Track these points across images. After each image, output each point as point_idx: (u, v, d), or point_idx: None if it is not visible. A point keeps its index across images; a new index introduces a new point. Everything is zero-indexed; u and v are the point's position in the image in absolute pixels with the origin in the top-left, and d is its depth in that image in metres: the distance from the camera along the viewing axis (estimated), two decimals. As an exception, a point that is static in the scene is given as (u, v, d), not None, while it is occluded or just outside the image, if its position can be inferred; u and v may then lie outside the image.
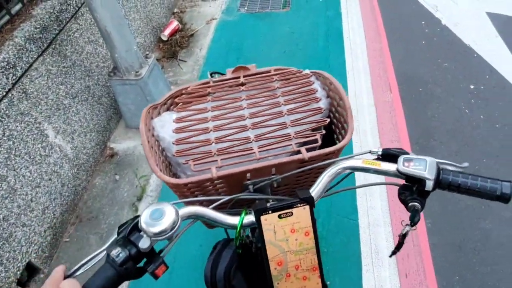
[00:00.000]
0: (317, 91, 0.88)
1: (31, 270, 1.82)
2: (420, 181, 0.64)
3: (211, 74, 1.01)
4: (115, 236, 0.60)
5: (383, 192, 2.06)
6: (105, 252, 0.58)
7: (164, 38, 3.22)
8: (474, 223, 1.89)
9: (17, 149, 1.74)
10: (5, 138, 1.68)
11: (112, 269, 0.55)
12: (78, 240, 2.02)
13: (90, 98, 2.31)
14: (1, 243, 1.62)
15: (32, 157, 1.83)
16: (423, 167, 0.63)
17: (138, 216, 0.60)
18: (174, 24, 3.30)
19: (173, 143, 0.81)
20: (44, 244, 1.87)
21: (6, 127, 1.68)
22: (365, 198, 2.04)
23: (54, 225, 1.95)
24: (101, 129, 2.41)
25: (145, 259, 0.59)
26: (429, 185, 0.63)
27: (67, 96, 2.10)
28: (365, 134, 2.37)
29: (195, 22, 3.56)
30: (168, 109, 0.94)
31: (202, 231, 1.99)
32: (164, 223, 0.57)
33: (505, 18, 3.15)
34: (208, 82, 0.94)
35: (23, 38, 1.78)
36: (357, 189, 2.08)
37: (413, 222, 0.65)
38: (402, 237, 0.70)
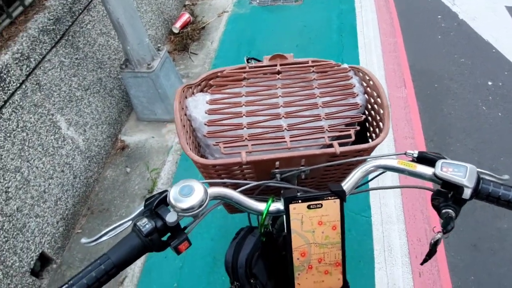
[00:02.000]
0: (354, 86, 0.86)
1: (44, 261, 1.83)
2: (457, 188, 0.61)
3: (247, 60, 1.00)
4: (142, 208, 0.60)
5: (396, 190, 2.03)
6: (130, 222, 0.59)
7: (176, 31, 3.20)
8: (491, 223, 1.85)
9: (30, 140, 1.74)
10: (19, 130, 1.68)
11: (138, 238, 0.56)
12: (89, 232, 2.03)
13: (102, 91, 2.31)
14: (15, 233, 1.64)
15: (45, 149, 1.83)
16: (462, 173, 0.61)
17: (165, 191, 0.60)
18: (186, 16, 3.28)
19: (205, 124, 0.80)
20: (56, 235, 1.88)
21: (20, 118, 1.69)
22: (378, 195, 2.01)
23: (67, 216, 1.96)
24: (113, 121, 2.41)
25: (169, 234, 0.60)
26: (467, 193, 0.60)
27: (80, 88, 2.10)
28: (379, 130, 2.33)
29: (207, 14, 3.53)
30: (201, 91, 0.93)
31: (214, 225, 1.99)
32: (193, 200, 0.57)
33: (525, 12, 3.06)
34: (244, 67, 0.94)
35: (36, 30, 1.78)
36: (370, 186, 2.05)
37: (446, 230, 0.62)
38: (434, 244, 0.67)
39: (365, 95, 0.88)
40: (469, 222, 1.86)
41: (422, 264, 0.73)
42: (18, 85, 1.67)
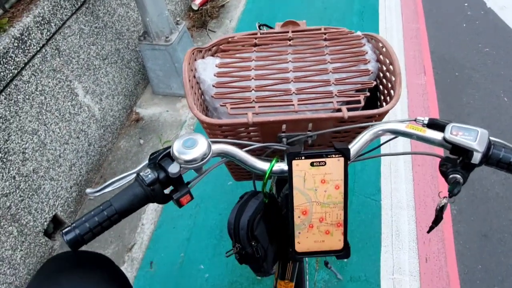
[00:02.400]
0: (366, 53, 0.84)
1: (56, 223, 1.89)
2: (467, 152, 0.59)
3: (259, 26, 0.99)
4: (147, 161, 0.61)
5: (408, 175, 2.01)
6: (135, 174, 0.60)
7: (195, 7, 3.18)
8: (503, 214, 1.81)
9: (48, 104, 1.77)
10: (38, 93, 1.71)
11: (140, 188, 0.57)
12: (101, 199, 2.07)
13: (120, 61, 2.32)
14: (31, 193, 1.68)
15: (62, 114, 1.86)
16: (473, 137, 0.59)
17: (170, 146, 0.60)
18: (206, -6, 3.25)
19: (213, 86, 0.80)
20: (70, 199, 1.93)
21: (39, 82, 1.71)
22: (390, 180, 1.99)
23: (80, 182, 2.01)
24: (129, 93, 2.43)
25: (172, 188, 0.61)
26: (477, 157, 0.58)
27: (98, 57, 2.12)
28: (395, 116, 2.30)
29: (227, -7, 3.49)
30: (212, 56, 0.93)
31: (222, 200, 2.01)
32: (196, 152, 0.57)
33: (557, 3, 2.94)
34: (255, 33, 0.93)
35: (58, -5, 1.79)
36: (382, 170, 2.04)
37: (452, 193, 0.61)
38: (439, 210, 0.66)
39: (378, 62, 0.86)
40: (480, 212, 1.83)
41: (428, 232, 0.72)
42: (38, 48, 1.69)
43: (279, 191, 1.01)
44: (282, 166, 0.64)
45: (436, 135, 0.63)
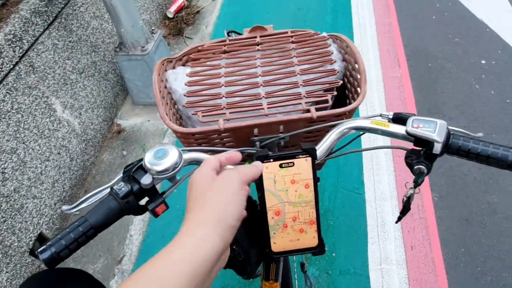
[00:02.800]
0: (332, 53, 0.87)
1: (42, 241, 1.86)
2: (429, 143, 0.62)
3: (228, 33, 1.01)
4: (121, 175, 0.62)
5: (390, 167, 2.05)
6: (109, 188, 0.61)
7: (170, 15, 3.18)
8: (481, 197, 1.88)
9: (25, 122, 1.76)
10: (14, 111, 1.69)
11: (114, 201, 0.58)
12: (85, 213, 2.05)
13: (97, 74, 2.31)
14: (13, 213, 1.66)
15: (40, 131, 1.85)
16: (432, 129, 0.62)
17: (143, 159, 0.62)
18: (180, 1, 3.25)
19: (184, 95, 0.81)
20: (54, 216, 1.91)
21: (14, 100, 1.70)
22: (372, 172, 2.04)
23: (64, 198, 1.99)
24: (108, 105, 2.42)
25: (147, 199, 0.61)
26: (437, 148, 0.61)
27: (74, 71, 2.10)
28: (373, 110, 2.35)
29: (201, -1, 3.51)
30: (183, 65, 0.95)
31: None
32: (167, 163, 0.59)
33: (520, -9, 3.05)
34: (224, 40, 0.94)
35: (28, 11, 1.78)
36: (364, 163, 2.08)
37: (417, 183, 0.64)
38: (406, 200, 0.69)
39: (344, 62, 0.89)
40: (460, 198, 1.89)
41: (397, 222, 0.74)
42: (12, 66, 1.68)
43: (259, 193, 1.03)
44: None
45: (399, 129, 0.66)
